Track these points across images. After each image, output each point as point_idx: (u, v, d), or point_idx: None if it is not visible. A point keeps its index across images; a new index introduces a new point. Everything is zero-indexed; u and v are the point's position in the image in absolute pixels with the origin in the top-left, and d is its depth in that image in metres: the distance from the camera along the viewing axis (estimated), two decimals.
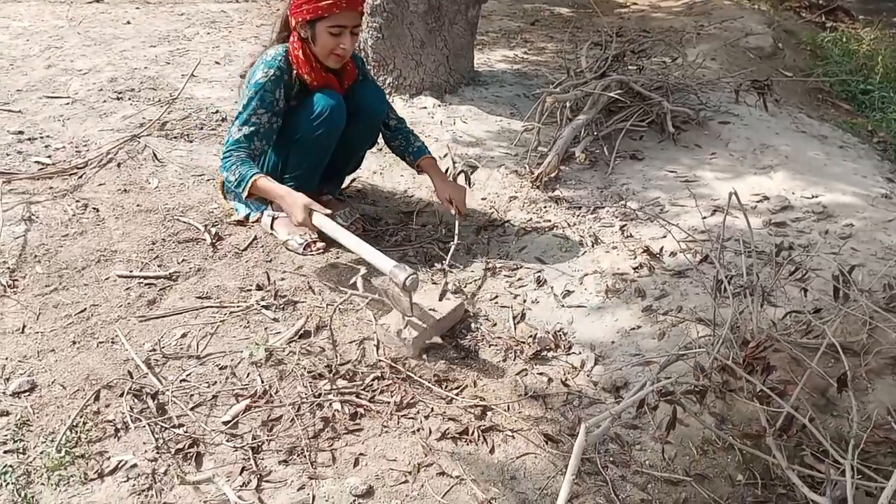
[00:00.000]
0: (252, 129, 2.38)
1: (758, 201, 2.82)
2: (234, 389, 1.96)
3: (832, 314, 1.96)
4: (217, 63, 4.25)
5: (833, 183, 2.95)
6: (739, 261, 2.37)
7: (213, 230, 2.65)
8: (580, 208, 2.86)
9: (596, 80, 3.36)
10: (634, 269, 2.48)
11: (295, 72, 2.42)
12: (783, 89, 4.55)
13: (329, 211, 2.32)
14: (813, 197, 2.82)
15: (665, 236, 2.60)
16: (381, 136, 2.77)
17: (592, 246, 2.64)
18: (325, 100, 2.42)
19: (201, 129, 3.42)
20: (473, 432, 1.87)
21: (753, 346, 1.62)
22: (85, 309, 2.23)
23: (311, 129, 2.44)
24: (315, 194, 2.53)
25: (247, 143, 2.38)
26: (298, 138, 2.48)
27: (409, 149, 2.73)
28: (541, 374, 2.11)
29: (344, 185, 2.94)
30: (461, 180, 2.75)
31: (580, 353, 2.18)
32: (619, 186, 2.99)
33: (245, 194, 2.37)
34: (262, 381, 1.98)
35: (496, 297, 2.42)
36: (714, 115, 3.55)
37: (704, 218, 2.67)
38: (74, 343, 2.09)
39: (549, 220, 2.80)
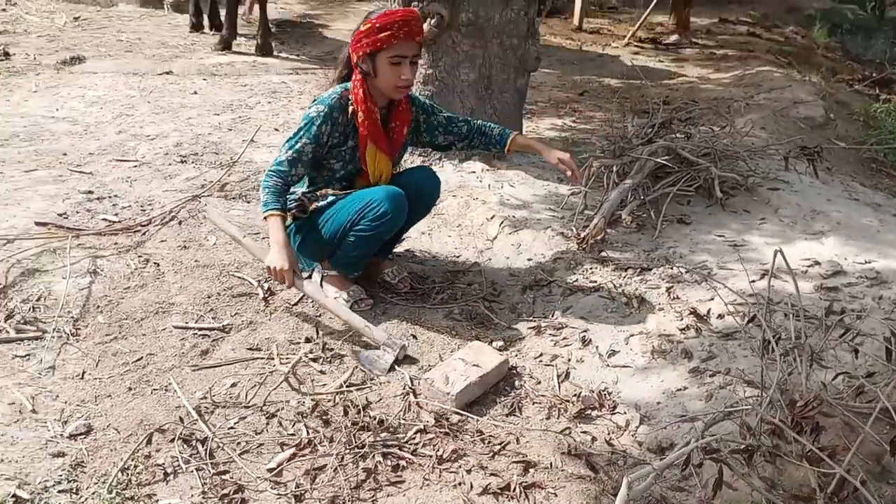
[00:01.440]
0: (295, 155, 2.47)
1: (809, 266, 2.79)
2: (279, 438, 2.00)
3: (886, 378, 1.91)
4: (276, 129, 4.44)
5: (887, 249, 2.90)
6: (788, 323, 2.34)
7: (266, 285, 2.74)
8: (626, 270, 2.86)
9: (643, 145, 3.40)
10: (681, 330, 2.46)
11: (351, 109, 2.49)
12: (835, 158, 4.53)
13: (311, 282, 2.44)
14: (866, 262, 2.78)
15: (713, 299, 2.58)
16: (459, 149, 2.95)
17: (638, 307, 2.63)
18: (387, 202, 2.44)
19: (258, 190, 3.56)
20: (515, 488, 1.85)
21: (802, 404, 1.59)
22: (142, 357, 2.32)
23: (369, 227, 2.47)
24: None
25: (288, 167, 2.46)
26: (355, 231, 2.50)
27: (492, 142, 2.77)
28: (585, 432, 2.09)
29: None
30: None
31: (625, 412, 2.16)
32: (666, 249, 3.00)
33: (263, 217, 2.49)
34: (307, 431, 2.02)
35: (541, 355, 2.42)
36: (763, 181, 3.55)
37: (753, 281, 2.64)
38: (130, 389, 2.17)
39: (595, 281, 2.81)
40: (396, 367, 2.31)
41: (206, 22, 7.13)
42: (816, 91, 5.77)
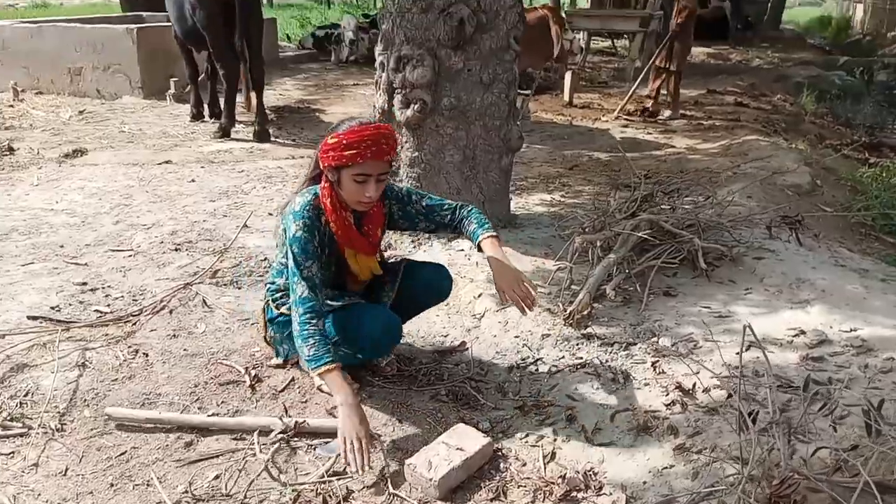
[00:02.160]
0: (310, 283, 2.37)
1: (794, 336, 2.79)
2: None
3: (870, 451, 1.89)
4: (270, 214, 4.52)
5: (873, 316, 2.90)
6: (776, 396, 2.33)
7: (254, 372, 2.75)
8: (612, 345, 2.87)
9: (625, 219, 3.46)
10: (667, 405, 2.45)
11: (324, 218, 2.43)
12: (822, 224, 4.58)
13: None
14: (851, 330, 2.77)
15: (698, 372, 2.57)
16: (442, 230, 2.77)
17: (624, 383, 2.63)
18: (378, 327, 2.46)
19: (250, 275, 3.62)
20: None
21: (777, 483, 1.57)
22: (125, 452, 2.31)
23: (354, 351, 2.49)
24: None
25: (314, 298, 2.35)
26: (342, 348, 2.45)
27: (468, 236, 2.67)
28: None
29: None
30: None
31: (611, 493, 2.13)
32: (652, 323, 3.01)
33: (311, 373, 2.35)
34: None
35: (526, 435, 2.41)
36: (748, 250, 3.58)
37: (738, 353, 2.63)
38: (112, 486, 2.16)
39: (581, 358, 2.82)
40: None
41: (206, 111, 7.35)
42: (803, 158, 5.88)
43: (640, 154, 6.37)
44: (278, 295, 2.64)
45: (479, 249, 2.62)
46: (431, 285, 2.75)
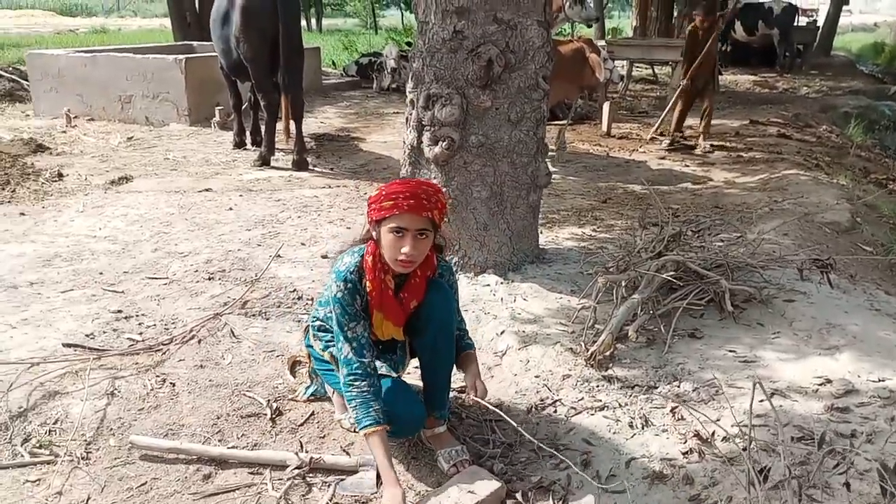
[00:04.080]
0: (356, 343, 2.37)
1: (820, 384, 2.73)
2: None
3: None
4: (302, 244, 4.61)
5: None
6: (795, 449, 2.29)
7: (275, 405, 2.80)
8: (633, 388, 2.84)
9: (651, 259, 3.43)
10: (683, 454, 2.42)
11: (365, 279, 2.40)
12: (860, 265, 4.47)
13: None
14: (880, 381, 2.70)
15: (718, 420, 2.54)
16: None
17: (642, 428, 2.60)
18: (408, 417, 2.42)
19: (278, 306, 3.69)
20: None
21: None
22: (146, 482, 2.37)
23: (392, 431, 2.39)
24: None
25: (359, 359, 2.35)
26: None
27: (459, 344, 2.65)
28: None
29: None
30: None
31: None
32: (675, 366, 2.97)
33: (357, 432, 2.39)
34: None
35: (540, 479, 2.40)
36: (779, 292, 3.52)
37: (762, 401, 2.59)
38: None
39: (601, 400, 2.79)
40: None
41: (248, 139, 7.55)
42: (844, 194, 5.76)
43: (675, 188, 6.32)
44: (321, 333, 2.65)
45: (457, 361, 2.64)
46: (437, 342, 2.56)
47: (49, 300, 3.65)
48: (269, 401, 2.83)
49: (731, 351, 3.06)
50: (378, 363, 2.55)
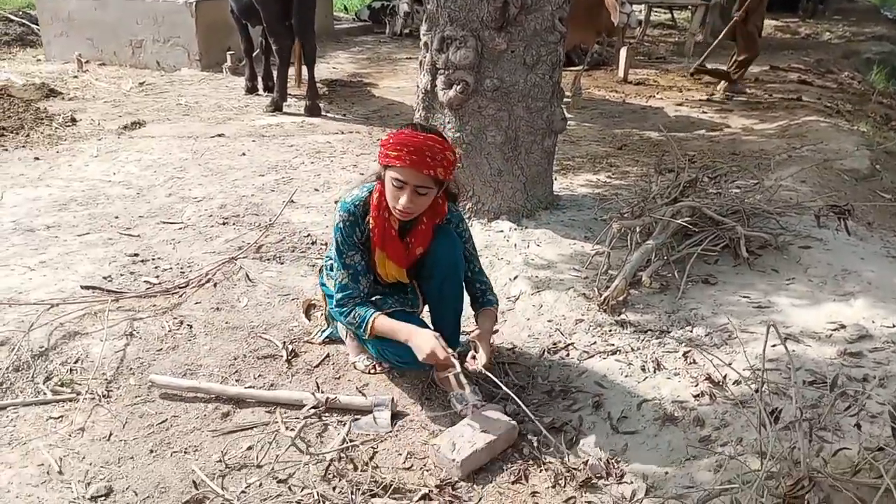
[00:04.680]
0: (351, 271, 2.46)
1: (833, 329, 2.73)
2: (290, 500, 2.06)
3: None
4: (316, 190, 4.61)
5: None
6: (807, 393, 2.30)
7: (291, 347, 2.84)
8: (645, 333, 2.85)
9: (667, 205, 3.41)
10: (695, 396, 2.44)
11: (369, 215, 2.46)
12: (879, 212, 4.41)
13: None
14: (894, 326, 2.70)
15: (730, 364, 2.55)
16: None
17: (654, 371, 2.62)
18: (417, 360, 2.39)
19: (293, 251, 3.71)
20: None
21: (791, 483, 1.56)
22: (166, 420, 2.43)
23: (412, 362, 2.42)
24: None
25: (354, 285, 2.46)
26: (399, 354, 2.49)
27: (479, 300, 2.67)
28: (589, 502, 2.09)
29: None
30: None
31: (632, 482, 2.15)
32: (688, 311, 2.97)
33: (367, 335, 2.44)
34: (316, 495, 2.07)
35: (552, 420, 2.43)
36: (795, 239, 3.49)
37: (774, 346, 2.60)
38: (152, 452, 2.27)
39: (613, 345, 2.81)
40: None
41: (260, 84, 7.48)
42: (864, 141, 5.66)
43: (692, 134, 6.23)
44: (332, 272, 2.66)
45: (475, 317, 2.66)
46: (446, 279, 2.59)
47: (66, 243, 3.68)
48: (284, 343, 2.87)
49: (744, 297, 3.06)
50: (390, 300, 2.60)
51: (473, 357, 2.51)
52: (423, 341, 2.31)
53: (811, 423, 1.82)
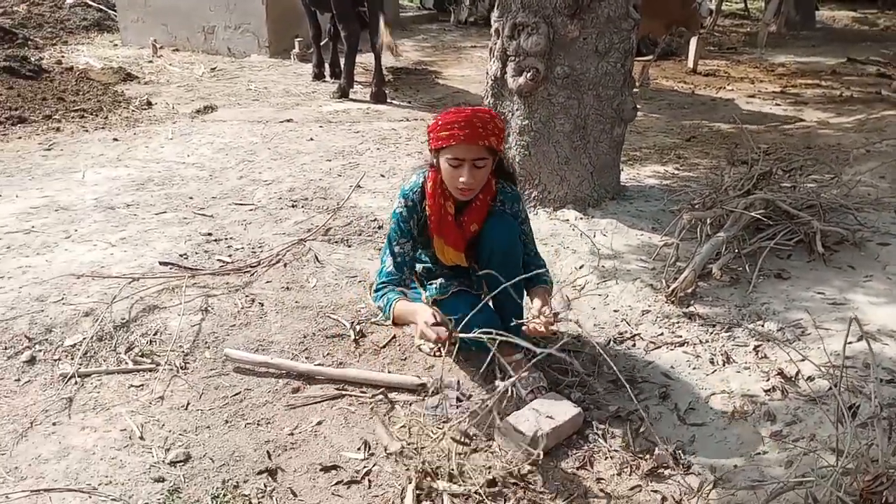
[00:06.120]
0: (399, 259, 2.50)
1: None
2: (352, 475, 2.12)
3: None
4: (382, 176, 4.67)
5: None
6: (884, 391, 2.25)
7: (358, 328, 2.90)
8: (714, 326, 2.81)
9: (740, 197, 3.34)
10: (766, 391, 2.40)
11: (426, 202, 2.47)
12: None
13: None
14: None
15: (803, 360, 2.49)
16: None
17: (723, 365, 2.59)
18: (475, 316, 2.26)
19: (360, 234, 3.77)
20: None
21: (871, 479, 1.53)
22: (240, 392, 2.51)
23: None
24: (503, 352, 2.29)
25: (398, 273, 2.49)
26: None
27: (534, 281, 2.57)
28: (655, 491, 2.08)
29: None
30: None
31: (699, 473, 2.13)
32: (759, 305, 2.92)
33: (390, 322, 2.49)
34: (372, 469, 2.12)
35: (617, 408, 2.43)
36: (873, 235, 3.39)
37: (850, 343, 2.53)
38: (227, 422, 2.35)
39: (681, 336, 2.78)
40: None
41: (327, 71, 7.58)
42: None
43: (764, 127, 6.07)
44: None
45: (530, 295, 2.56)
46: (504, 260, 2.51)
47: (144, 221, 3.82)
48: (352, 323, 2.93)
49: (818, 293, 2.99)
50: (455, 282, 2.65)
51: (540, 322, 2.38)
52: (419, 320, 2.22)
53: (890, 420, 1.77)
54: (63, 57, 8.23)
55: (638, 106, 3.98)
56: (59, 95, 6.39)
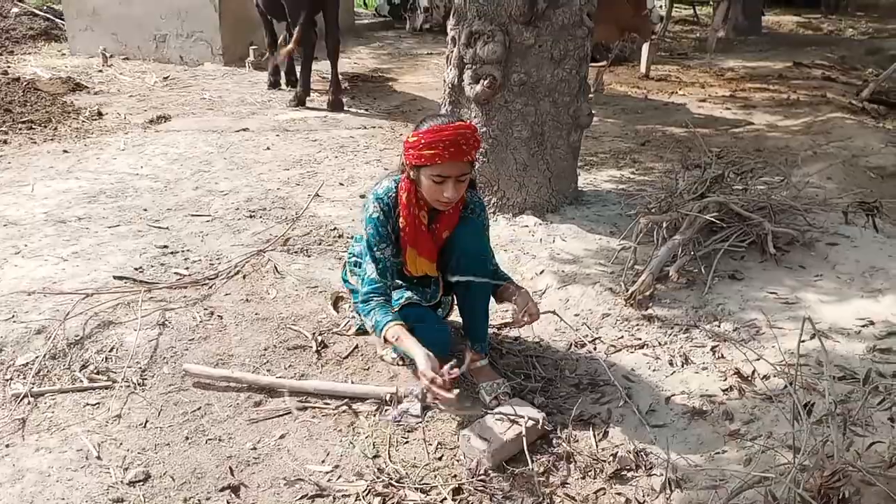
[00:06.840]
0: (381, 265, 2.46)
1: (862, 326, 2.73)
2: (323, 490, 2.10)
3: None
4: (340, 184, 4.65)
5: None
6: (837, 388, 2.31)
7: (320, 338, 2.88)
8: (673, 327, 2.86)
9: (694, 200, 3.41)
10: (724, 391, 2.45)
11: (398, 210, 2.47)
12: None
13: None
14: None
15: (759, 359, 2.55)
16: None
17: (682, 366, 2.63)
18: (430, 334, 2.42)
19: (319, 244, 3.74)
20: None
21: (828, 475, 1.57)
22: (200, 408, 2.47)
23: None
24: (466, 352, 2.36)
25: (381, 280, 2.45)
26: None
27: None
28: (619, 493, 2.11)
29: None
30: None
31: (661, 474, 2.16)
32: (715, 307, 2.98)
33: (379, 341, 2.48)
34: (347, 486, 2.11)
35: (580, 413, 2.45)
36: (822, 236, 3.48)
37: (803, 341, 2.60)
38: (187, 439, 2.31)
39: (640, 339, 2.83)
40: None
41: (283, 79, 7.52)
42: (890, 138, 5.62)
43: (716, 130, 6.21)
44: (357, 269, 2.74)
45: (498, 299, 2.67)
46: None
47: (97, 235, 3.74)
48: (314, 334, 2.90)
49: (771, 293, 3.06)
50: (409, 293, 2.64)
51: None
52: (420, 364, 2.23)
53: (844, 417, 1.83)
54: (9, 67, 8.01)
55: (593, 111, 4.04)
56: (6, 107, 6.20)
